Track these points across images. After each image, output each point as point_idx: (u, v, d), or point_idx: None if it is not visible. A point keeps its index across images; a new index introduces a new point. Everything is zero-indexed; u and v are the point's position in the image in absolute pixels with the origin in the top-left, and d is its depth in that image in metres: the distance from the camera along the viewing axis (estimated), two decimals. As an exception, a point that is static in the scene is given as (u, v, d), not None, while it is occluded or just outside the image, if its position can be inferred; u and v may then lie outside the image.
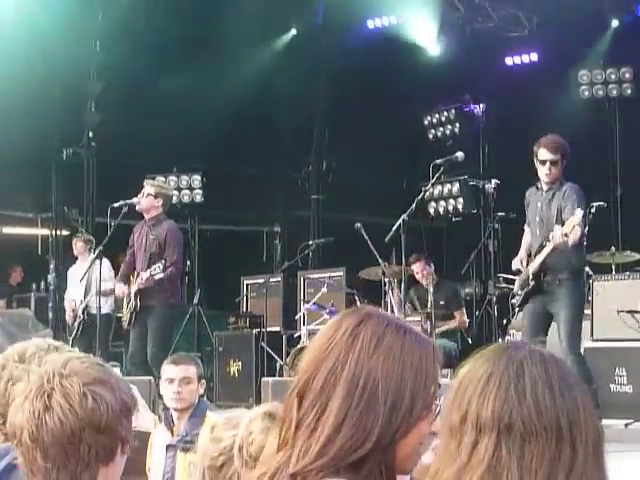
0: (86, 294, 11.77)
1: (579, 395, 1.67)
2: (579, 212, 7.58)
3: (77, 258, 12.38)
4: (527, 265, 8.16)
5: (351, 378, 1.78)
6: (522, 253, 8.33)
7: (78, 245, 12.32)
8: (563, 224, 7.73)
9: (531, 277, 8.03)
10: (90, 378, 2.15)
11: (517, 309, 8.39)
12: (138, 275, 9.70)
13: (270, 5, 14.74)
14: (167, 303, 9.73)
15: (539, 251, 8.00)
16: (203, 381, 5.83)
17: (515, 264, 8.34)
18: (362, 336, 1.82)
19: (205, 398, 6.18)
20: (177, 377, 5.67)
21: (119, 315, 10.08)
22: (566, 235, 7.58)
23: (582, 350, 8.41)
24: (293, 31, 16.44)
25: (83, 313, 11.82)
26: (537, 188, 8.19)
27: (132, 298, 9.67)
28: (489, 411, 1.65)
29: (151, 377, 8.34)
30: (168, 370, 5.76)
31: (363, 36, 15.91)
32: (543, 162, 7.98)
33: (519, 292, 8.22)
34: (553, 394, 1.65)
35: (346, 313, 1.90)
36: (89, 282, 11.63)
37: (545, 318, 8.10)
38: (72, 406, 2.10)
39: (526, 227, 8.46)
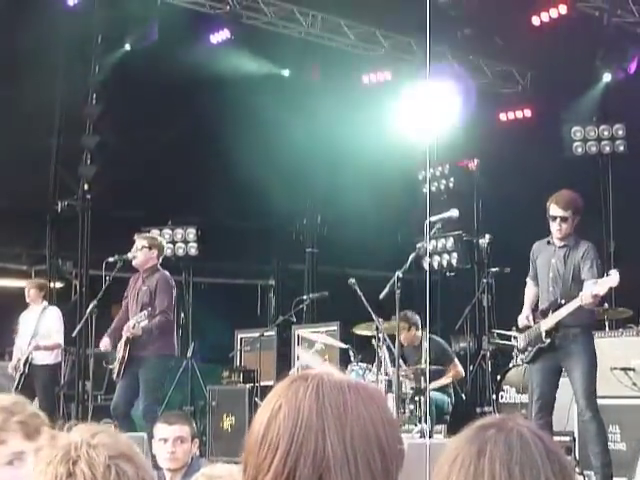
0: (30, 345, 11.49)
1: (545, 475, 1.62)
2: (615, 274, 7.45)
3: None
4: (534, 320, 8.03)
5: (361, 433, 1.70)
6: (527, 309, 8.18)
7: (31, 292, 11.96)
8: (582, 282, 7.68)
9: (544, 335, 7.87)
10: (117, 452, 2.14)
11: (525, 364, 8.25)
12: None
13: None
14: (159, 354, 9.57)
15: (555, 309, 7.83)
16: (197, 440, 5.82)
17: (521, 321, 8.17)
18: (351, 389, 1.74)
19: (198, 453, 6.15)
20: (171, 437, 5.65)
21: (111, 367, 9.94)
22: (596, 296, 7.52)
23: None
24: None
25: (24, 365, 11.47)
26: (548, 243, 8.09)
27: (121, 349, 9.50)
28: None
29: (144, 434, 8.24)
30: (162, 430, 5.74)
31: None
32: (554, 218, 7.91)
33: (528, 348, 8.03)
34: (511, 475, 1.61)
35: (301, 377, 1.79)
36: (36, 332, 11.49)
37: (557, 374, 7.99)
38: (95, 476, 2.09)
39: (529, 281, 8.31)
